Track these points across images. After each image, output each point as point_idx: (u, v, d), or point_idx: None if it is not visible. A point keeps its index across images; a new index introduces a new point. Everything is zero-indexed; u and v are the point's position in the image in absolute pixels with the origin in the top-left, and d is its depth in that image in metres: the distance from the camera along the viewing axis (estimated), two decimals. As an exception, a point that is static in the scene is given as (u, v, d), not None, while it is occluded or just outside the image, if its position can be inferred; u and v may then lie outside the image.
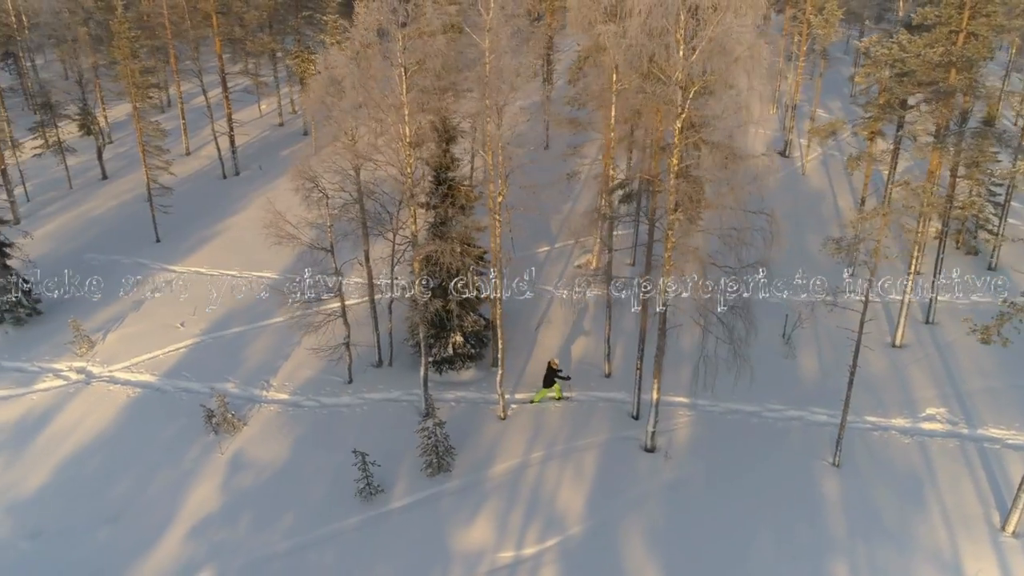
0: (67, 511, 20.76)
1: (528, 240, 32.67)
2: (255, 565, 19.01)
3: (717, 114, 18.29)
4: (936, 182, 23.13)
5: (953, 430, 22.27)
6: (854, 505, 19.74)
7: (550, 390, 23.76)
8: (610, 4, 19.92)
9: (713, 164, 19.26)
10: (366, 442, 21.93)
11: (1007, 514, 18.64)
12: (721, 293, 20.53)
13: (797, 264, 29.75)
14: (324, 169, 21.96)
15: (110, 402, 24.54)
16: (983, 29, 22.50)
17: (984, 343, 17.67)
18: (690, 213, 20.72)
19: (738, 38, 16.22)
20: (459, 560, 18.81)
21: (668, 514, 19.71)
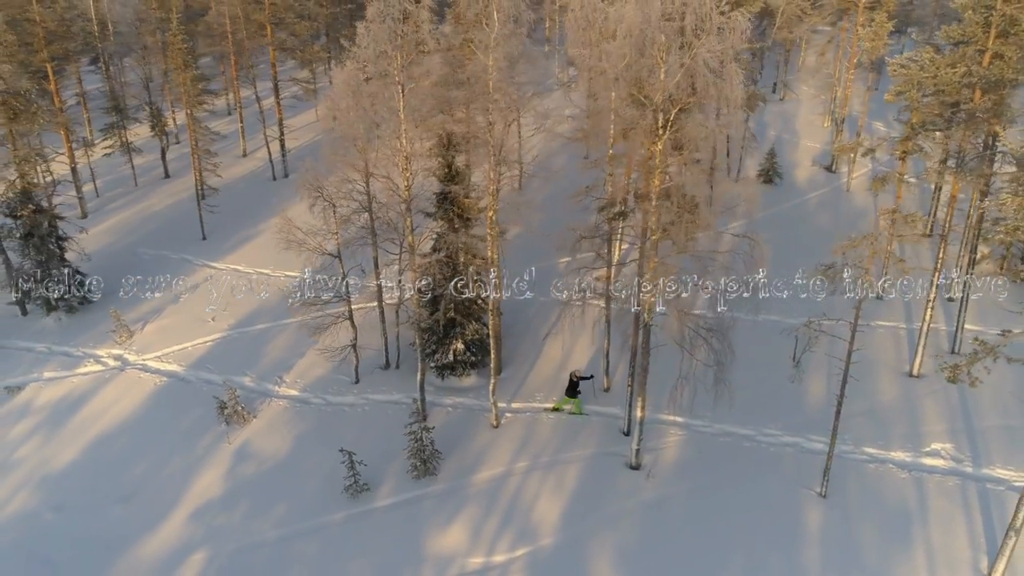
0: (89, 488, 22.62)
1: (549, 251, 32.98)
2: (245, 551, 20.25)
3: (700, 136, 18.24)
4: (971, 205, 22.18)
5: (956, 467, 21.33)
6: (835, 539, 19.27)
7: (570, 401, 24.08)
8: (603, 27, 20.15)
9: (695, 185, 19.11)
10: (363, 441, 23.00)
11: (994, 560, 17.82)
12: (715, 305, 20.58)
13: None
14: (333, 179, 23.03)
15: (139, 389, 26.49)
16: (1010, 49, 21.45)
17: (951, 382, 16.95)
18: (678, 234, 20.63)
19: (707, 63, 16.17)
20: (431, 562, 19.49)
21: (641, 534, 19.79)
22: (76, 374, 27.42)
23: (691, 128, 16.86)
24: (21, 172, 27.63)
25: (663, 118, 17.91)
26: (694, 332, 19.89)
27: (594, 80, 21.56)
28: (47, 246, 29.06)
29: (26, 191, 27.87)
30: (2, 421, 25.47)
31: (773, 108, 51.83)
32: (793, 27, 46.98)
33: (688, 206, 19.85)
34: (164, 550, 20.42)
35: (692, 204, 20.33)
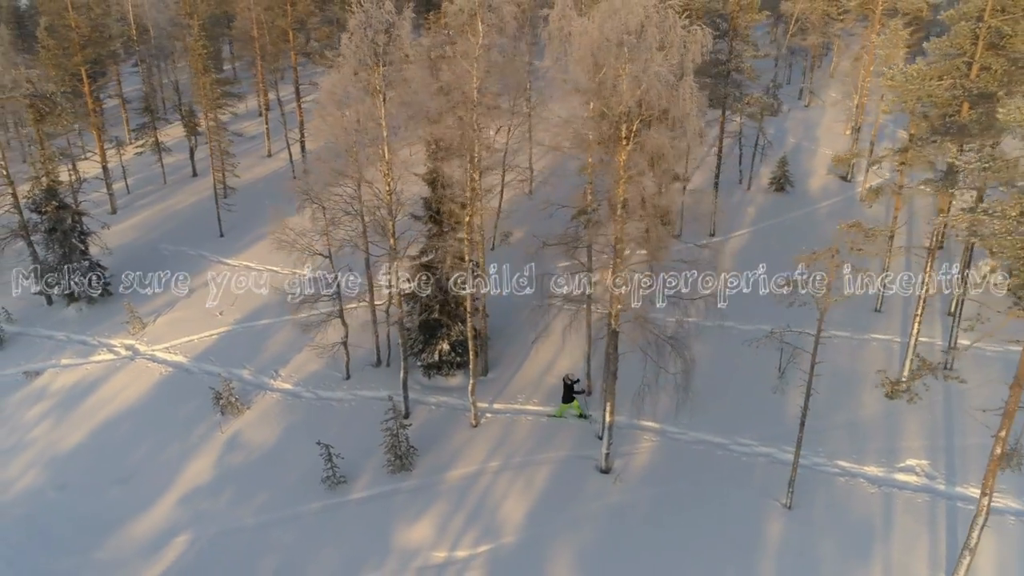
0: (91, 469, 24.07)
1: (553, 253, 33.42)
2: (226, 535, 21.34)
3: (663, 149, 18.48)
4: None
5: (929, 484, 21.08)
6: (793, 551, 19.32)
7: (569, 406, 24.41)
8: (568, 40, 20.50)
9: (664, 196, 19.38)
10: (346, 435, 23.91)
11: (950, 579, 17.68)
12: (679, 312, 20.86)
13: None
14: (322, 183, 23.97)
15: (146, 378, 27.95)
16: (998, 62, 21.12)
17: (889, 398, 16.84)
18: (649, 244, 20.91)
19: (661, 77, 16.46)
20: (396, 554, 20.23)
21: (602, 537, 20.16)
22: (90, 362, 29.06)
23: (653, 140, 17.14)
24: (47, 170, 29.36)
25: (626, 129, 18.26)
26: (660, 340, 20.15)
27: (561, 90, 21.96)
28: (69, 240, 30.82)
29: (51, 188, 29.62)
30: (20, 404, 27.21)
31: (797, 115, 51.16)
32: (819, 32, 46.32)
33: (659, 216, 20.15)
34: (152, 531, 21.66)
35: (664, 214, 20.63)
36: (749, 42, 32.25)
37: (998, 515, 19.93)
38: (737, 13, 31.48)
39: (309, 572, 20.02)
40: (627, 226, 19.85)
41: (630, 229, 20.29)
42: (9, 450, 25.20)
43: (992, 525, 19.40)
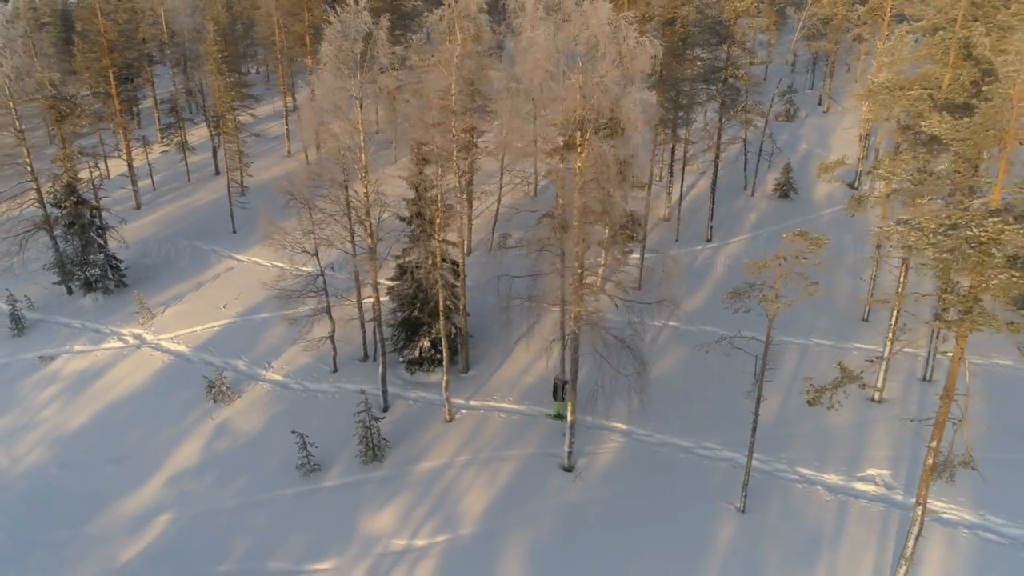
0: (91, 449, 25.65)
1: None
2: (205, 515, 22.59)
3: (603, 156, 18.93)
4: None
5: (886, 495, 21.09)
6: (740, 554, 19.62)
7: (562, 405, 24.80)
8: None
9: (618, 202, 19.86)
10: (326, 426, 25.01)
11: (888, 589, 17.79)
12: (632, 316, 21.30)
13: (812, 305, 28.76)
14: (313, 183, 25.11)
15: (149, 365, 29.53)
16: (968, 71, 21.03)
17: (810, 405, 17.04)
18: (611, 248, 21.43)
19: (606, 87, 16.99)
20: (359, 540, 21.17)
21: (555, 533, 20.75)
22: (100, 349, 30.81)
23: (596, 148, 17.68)
24: (66, 168, 31.23)
25: (579, 137, 18.83)
26: (616, 343, 20.67)
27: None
28: (87, 234, 32.69)
29: (70, 185, 31.48)
30: (33, 386, 29.05)
31: (814, 121, 50.62)
32: (834, 37, 45.79)
33: (621, 222, 20.66)
34: (139, 509, 23.04)
35: (632, 219, 21.14)
36: (746, 49, 32.30)
37: (951, 527, 19.93)
38: (734, 20, 31.60)
39: (278, 553, 21.10)
40: (589, 230, 20.42)
41: (594, 233, 20.88)
42: (20, 429, 26.98)
43: (944, 537, 19.54)
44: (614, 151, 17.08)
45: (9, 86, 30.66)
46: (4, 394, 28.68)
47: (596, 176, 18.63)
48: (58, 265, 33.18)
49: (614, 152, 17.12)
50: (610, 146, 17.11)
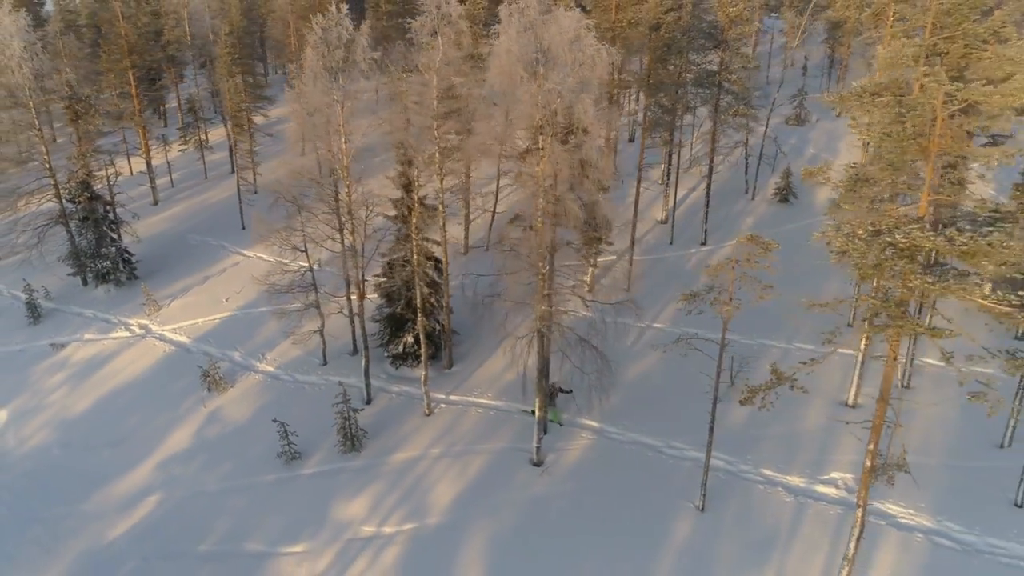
0: (91, 432, 27.05)
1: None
2: (189, 498, 23.74)
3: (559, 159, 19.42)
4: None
5: (846, 498, 21.25)
6: (694, 551, 20.01)
7: (555, 409, 25.20)
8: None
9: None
10: (312, 416, 25.96)
11: (833, 589, 18.04)
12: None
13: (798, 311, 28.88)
14: (301, 183, 26.11)
15: (152, 354, 30.92)
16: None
17: (742, 404, 17.34)
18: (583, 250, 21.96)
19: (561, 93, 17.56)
20: (330, 526, 22.07)
21: (517, 525, 21.38)
22: (108, 338, 32.33)
23: (552, 152, 18.25)
24: (81, 165, 32.82)
25: (542, 141, 19.42)
26: (578, 341, 21.21)
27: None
28: (100, 228, 34.27)
29: (84, 181, 33.06)
30: (45, 372, 30.64)
31: (825, 125, 50.25)
32: (846, 41, 45.44)
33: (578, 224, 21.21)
34: (131, 489, 24.30)
35: (604, 222, 21.68)
36: (740, 54, 32.47)
37: (907, 531, 20.06)
38: (728, 26, 31.82)
39: (254, 536, 22.12)
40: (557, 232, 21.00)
41: (564, 235, 21.46)
42: (29, 412, 28.53)
43: (898, 541, 19.72)
44: (569, 155, 17.62)
45: (29, 86, 32.34)
46: (17, 379, 30.32)
47: (558, 180, 19.18)
48: (73, 257, 34.84)
49: (569, 156, 17.65)
50: (564, 150, 17.65)
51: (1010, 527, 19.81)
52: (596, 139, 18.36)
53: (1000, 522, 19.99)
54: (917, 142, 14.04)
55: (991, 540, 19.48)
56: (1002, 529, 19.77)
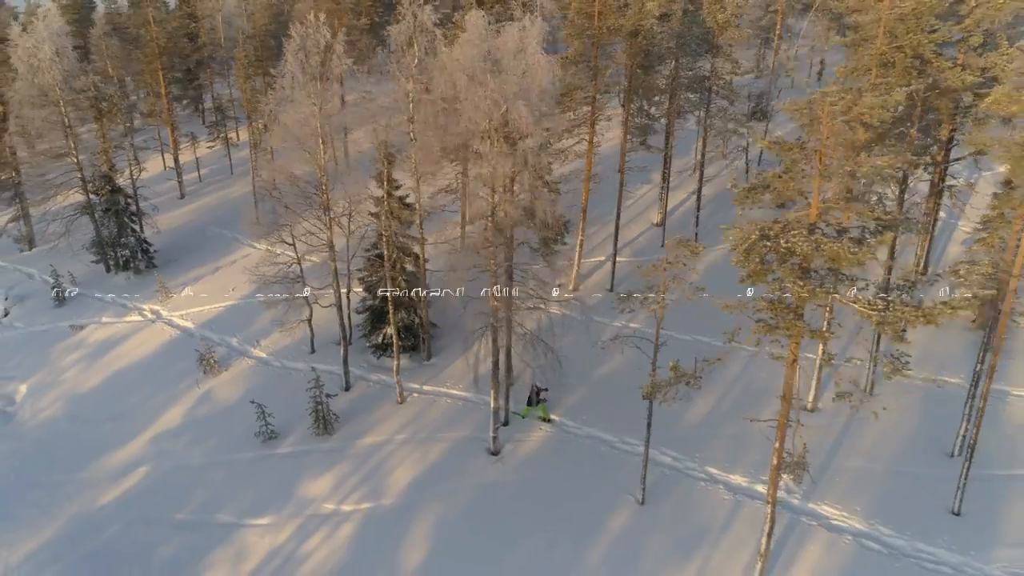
0: (96, 407, 29.31)
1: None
2: (174, 470, 25.64)
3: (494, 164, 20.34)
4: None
5: (784, 498, 21.61)
6: (626, 542, 20.76)
7: (536, 409, 25.98)
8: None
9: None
10: (294, 400, 27.53)
11: (749, 583, 18.59)
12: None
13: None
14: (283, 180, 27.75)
15: (159, 338, 33.12)
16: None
17: (645, 399, 17.94)
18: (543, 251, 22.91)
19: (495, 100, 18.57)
20: (295, 502, 23.59)
21: (465, 509, 22.49)
22: (122, 321, 34.73)
23: (485, 156, 19.27)
24: (104, 160, 35.32)
25: (486, 145, 20.45)
26: (531, 337, 22.17)
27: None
28: (121, 219, 36.76)
29: (106, 175, 35.55)
30: (63, 350, 33.18)
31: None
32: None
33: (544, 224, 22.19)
34: (124, 460, 26.36)
35: (552, 221, 22.63)
36: (731, 60, 32.78)
37: (837, 532, 20.40)
38: (718, 32, 32.22)
39: (226, 508, 23.80)
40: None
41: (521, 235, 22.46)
42: (46, 387, 31.02)
43: (826, 541, 20.15)
44: (510, 158, 18.64)
45: (59, 86, 34.97)
46: (38, 357, 32.94)
47: (498, 181, 20.19)
48: (96, 246, 37.44)
49: (510, 159, 18.66)
50: (503, 153, 18.67)
51: (941, 534, 19.93)
52: (536, 141, 19.21)
53: (933, 529, 20.13)
54: (803, 150, 14.59)
55: (919, 545, 19.66)
56: (933, 535, 19.92)
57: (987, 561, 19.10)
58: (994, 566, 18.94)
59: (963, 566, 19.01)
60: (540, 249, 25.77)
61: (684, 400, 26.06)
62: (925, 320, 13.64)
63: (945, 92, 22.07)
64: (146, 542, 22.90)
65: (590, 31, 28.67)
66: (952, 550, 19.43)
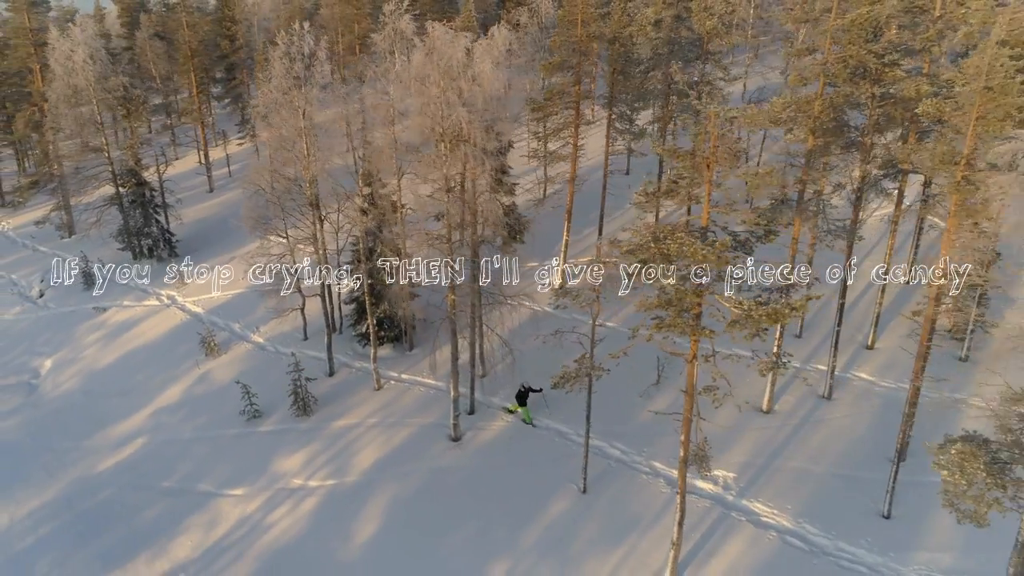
0: (107, 382, 31.88)
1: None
2: (167, 442, 27.83)
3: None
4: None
5: (720, 494, 22.29)
6: (559, 526, 21.79)
7: (522, 408, 26.83)
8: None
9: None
10: (281, 383, 29.40)
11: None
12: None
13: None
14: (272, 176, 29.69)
15: (170, 321, 35.62)
16: (838, 96, 21.80)
17: (554, 388, 18.81)
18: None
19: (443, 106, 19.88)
20: (267, 476, 25.42)
21: (419, 489, 23.89)
22: (140, 305, 37.42)
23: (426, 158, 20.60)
24: (131, 155, 38.10)
25: (444, 148, 21.80)
26: (487, 332, 23.39)
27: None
28: (146, 210, 39.52)
29: (132, 169, 38.32)
30: (86, 330, 36.02)
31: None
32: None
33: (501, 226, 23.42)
34: (124, 432, 28.71)
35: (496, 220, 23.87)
36: (720, 65, 33.26)
37: (763, 529, 21.00)
38: (708, 39, 32.77)
39: (207, 479, 25.80)
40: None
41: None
42: (67, 363, 33.82)
43: (750, 536, 20.84)
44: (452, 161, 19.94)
45: (92, 87, 37.88)
46: (64, 335, 35.85)
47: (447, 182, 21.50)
48: (122, 234, 40.33)
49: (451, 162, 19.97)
50: (438, 156, 19.98)
51: (866, 535, 20.31)
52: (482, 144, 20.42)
53: (859, 530, 20.51)
54: (694, 159, 15.43)
55: (842, 545, 20.10)
56: (857, 536, 20.31)
57: (905, 563, 19.43)
58: (910, 568, 19.28)
59: (880, 566, 19.39)
60: (501, 247, 26.97)
61: (644, 398, 27.04)
62: (770, 320, 14.33)
63: (900, 102, 22.33)
64: (133, 505, 25.05)
65: (573, 38, 29.68)
66: (872, 551, 19.82)
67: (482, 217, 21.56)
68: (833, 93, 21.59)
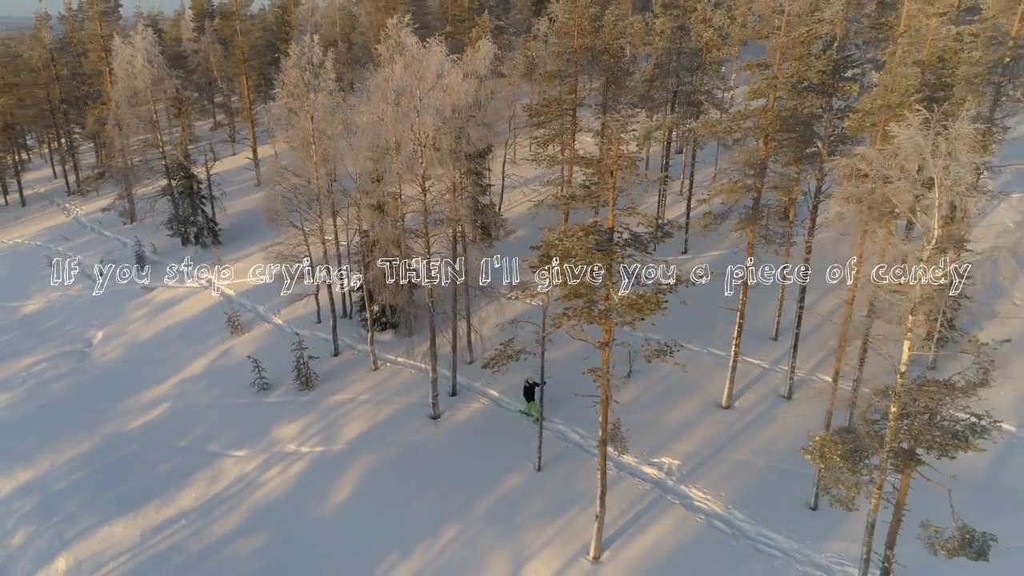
0: (145, 351, 35.80)
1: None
2: (187, 408, 31.31)
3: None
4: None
5: (662, 479, 23.82)
6: (509, 499, 23.79)
7: (529, 403, 28.54)
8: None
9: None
10: (290, 360, 32.46)
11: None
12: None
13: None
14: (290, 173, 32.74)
15: (205, 301, 39.39)
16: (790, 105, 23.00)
17: (484, 368, 20.61)
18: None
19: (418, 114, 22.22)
20: (267, 441, 28.43)
21: (392, 459, 26.35)
22: (182, 286, 41.41)
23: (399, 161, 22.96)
24: (180, 150, 42.15)
25: (421, 152, 24.16)
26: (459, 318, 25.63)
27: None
28: (193, 201, 43.57)
29: (180, 163, 42.38)
30: (133, 307, 40.21)
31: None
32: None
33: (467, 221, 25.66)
34: (153, 398, 32.39)
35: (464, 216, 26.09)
36: (718, 76, 34.41)
37: (692, 512, 22.49)
38: (706, 50, 34.02)
39: (216, 441, 29.04)
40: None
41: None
42: (115, 335, 37.98)
43: (678, 518, 22.44)
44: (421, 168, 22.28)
45: (149, 89, 42.09)
46: (115, 310, 40.13)
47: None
48: (172, 222, 44.54)
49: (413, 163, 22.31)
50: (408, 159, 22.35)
51: (788, 523, 21.50)
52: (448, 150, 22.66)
53: (783, 519, 21.71)
54: (599, 166, 17.21)
55: (763, 531, 21.37)
56: (779, 524, 21.53)
57: (818, 551, 20.58)
58: (822, 555, 20.41)
59: (794, 552, 20.61)
60: (479, 244, 29.14)
61: (614, 388, 28.62)
62: (631, 310, 15.97)
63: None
64: (151, 461, 28.50)
65: (568, 49, 31.55)
66: (790, 538, 21.03)
67: (453, 214, 23.76)
68: (782, 106, 22.81)
